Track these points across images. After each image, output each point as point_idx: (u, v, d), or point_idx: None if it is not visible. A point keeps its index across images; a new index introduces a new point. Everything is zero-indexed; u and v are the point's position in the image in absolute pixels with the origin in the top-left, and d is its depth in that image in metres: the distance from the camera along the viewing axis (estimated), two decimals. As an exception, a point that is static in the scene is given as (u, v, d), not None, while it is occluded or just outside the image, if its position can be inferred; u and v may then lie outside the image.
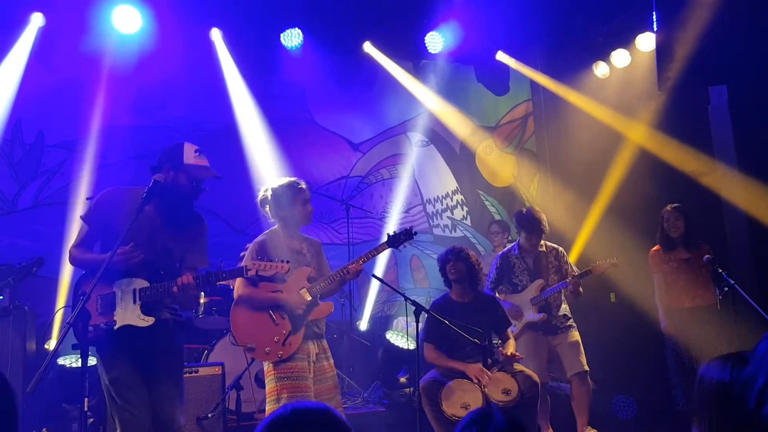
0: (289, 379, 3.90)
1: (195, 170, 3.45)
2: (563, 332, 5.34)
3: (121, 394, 3.24)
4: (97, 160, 6.76)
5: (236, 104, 7.25)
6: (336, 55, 7.51)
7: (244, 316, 4.02)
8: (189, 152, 3.47)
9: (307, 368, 3.97)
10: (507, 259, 5.54)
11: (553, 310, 5.37)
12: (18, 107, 6.57)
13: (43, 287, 6.21)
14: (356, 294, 7.32)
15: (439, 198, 8.32)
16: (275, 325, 3.97)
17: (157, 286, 3.33)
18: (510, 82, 8.52)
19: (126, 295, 3.31)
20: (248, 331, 3.99)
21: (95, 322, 3.25)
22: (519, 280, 5.46)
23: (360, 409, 5.72)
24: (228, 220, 7.14)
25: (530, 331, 5.35)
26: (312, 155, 7.69)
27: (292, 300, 4.01)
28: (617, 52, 7.48)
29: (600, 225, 7.09)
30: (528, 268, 5.47)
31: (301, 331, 4.00)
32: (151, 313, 3.34)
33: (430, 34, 7.61)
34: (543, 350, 5.33)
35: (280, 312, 4.01)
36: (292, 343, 3.95)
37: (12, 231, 6.64)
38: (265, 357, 3.95)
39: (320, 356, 4.11)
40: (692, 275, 5.32)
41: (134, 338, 3.28)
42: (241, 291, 4.04)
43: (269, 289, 4.03)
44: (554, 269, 5.45)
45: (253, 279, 3.98)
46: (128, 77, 6.80)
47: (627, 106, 7.26)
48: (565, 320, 5.40)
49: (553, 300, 5.38)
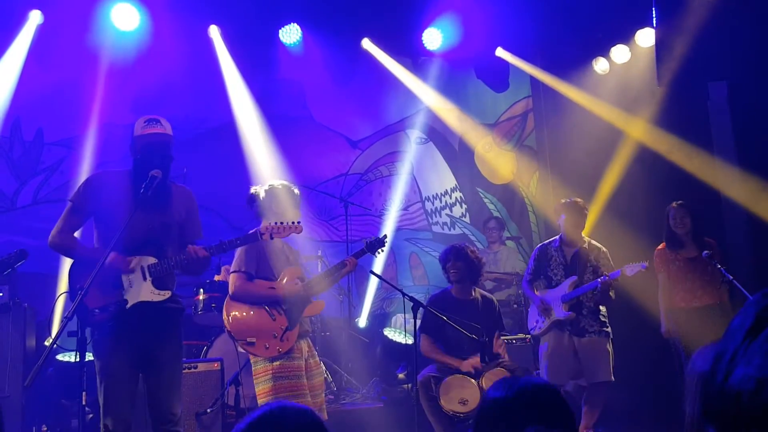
0: (287, 379, 3.90)
1: (144, 138, 3.42)
2: (591, 336, 5.08)
3: (108, 386, 3.26)
4: (96, 157, 6.76)
5: (235, 101, 7.24)
6: (334, 51, 7.50)
7: (240, 312, 4.00)
8: (138, 125, 3.46)
9: (302, 367, 3.99)
10: (545, 251, 5.36)
11: (584, 310, 5.13)
12: (17, 105, 6.58)
13: (42, 284, 6.22)
14: (355, 291, 7.32)
15: (438, 195, 8.31)
16: (273, 320, 3.97)
17: (168, 260, 3.37)
18: (510, 78, 8.49)
19: (134, 273, 3.33)
20: (246, 326, 3.96)
21: (101, 303, 3.26)
22: (554, 274, 5.25)
23: (358, 405, 5.73)
24: (226, 217, 7.14)
25: (557, 330, 5.14)
26: (311, 152, 7.68)
27: (291, 291, 4.03)
28: (617, 47, 7.48)
29: (599, 222, 7.07)
30: (565, 262, 5.25)
31: (297, 326, 4.01)
32: (164, 286, 3.38)
33: (428, 30, 7.60)
34: (566, 350, 5.09)
35: (277, 308, 4.01)
36: (289, 339, 3.96)
37: (11, 228, 6.64)
38: (265, 352, 3.93)
39: (310, 353, 4.15)
40: (698, 274, 5.26)
41: (145, 318, 3.31)
42: (238, 285, 4.01)
43: (265, 286, 4.04)
44: (592, 269, 5.21)
45: (249, 274, 4.02)
46: (127, 75, 6.80)
47: (627, 102, 7.26)
48: (598, 325, 5.13)
49: (586, 299, 5.12)
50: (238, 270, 4.02)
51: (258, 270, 4.07)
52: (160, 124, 3.44)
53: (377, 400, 5.83)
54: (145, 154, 3.39)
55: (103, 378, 3.29)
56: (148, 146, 3.40)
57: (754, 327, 0.69)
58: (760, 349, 0.67)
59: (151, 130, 3.42)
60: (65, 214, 3.49)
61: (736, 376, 0.68)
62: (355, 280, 7.40)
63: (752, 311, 0.71)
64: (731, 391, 0.68)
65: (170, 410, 3.36)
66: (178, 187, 3.66)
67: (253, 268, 4.05)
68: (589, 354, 5.06)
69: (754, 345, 0.68)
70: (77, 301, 2.96)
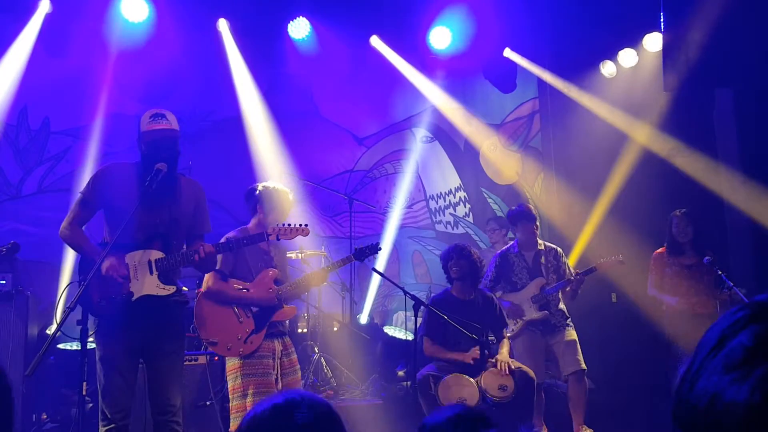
0: (255, 376, 3.94)
1: (150, 135, 3.41)
2: (560, 331, 5.32)
3: (108, 376, 3.28)
4: (101, 147, 6.79)
5: (241, 95, 7.25)
6: (343, 48, 7.50)
7: (209, 310, 4.01)
8: (144, 120, 3.45)
9: (271, 365, 4.02)
10: (506, 257, 5.52)
11: (552, 308, 5.35)
12: (24, 93, 6.60)
13: (46, 273, 6.24)
14: (357, 288, 7.34)
15: (442, 194, 8.31)
16: (239, 322, 3.99)
17: (175, 256, 3.38)
18: (517, 79, 8.48)
19: (141, 266, 3.35)
20: (212, 325, 3.98)
21: (108, 295, 3.29)
22: (518, 278, 5.44)
23: (358, 401, 5.74)
24: (231, 210, 7.14)
25: (528, 330, 5.33)
26: (316, 148, 7.68)
27: (261, 297, 4.03)
28: (624, 51, 7.47)
29: (603, 225, 7.08)
30: (527, 266, 5.44)
31: (263, 330, 4.03)
32: (170, 282, 3.40)
33: (437, 29, 7.60)
34: (540, 349, 5.32)
35: (245, 310, 4.02)
36: (253, 342, 3.97)
37: (16, 216, 6.68)
38: (226, 353, 3.99)
39: (285, 353, 4.16)
40: (693, 281, 5.38)
41: (149, 310, 3.33)
42: (211, 284, 4.00)
43: (236, 287, 4.03)
44: (553, 268, 5.43)
45: (223, 273, 4.02)
46: (134, 66, 6.82)
47: (633, 106, 7.25)
48: (563, 319, 5.39)
49: (553, 298, 5.37)
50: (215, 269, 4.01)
51: (234, 270, 4.08)
52: (166, 119, 3.42)
53: (376, 397, 5.85)
54: (151, 150, 3.39)
55: (104, 366, 3.32)
56: (154, 143, 3.39)
57: (718, 344, 0.73)
58: (717, 365, 0.71)
59: (157, 126, 3.40)
60: (75, 207, 3.49)
61: (697, 389, 0.73)
62: (358, 277, 7.42)
63: (718, 328, 0.75)
64: (692, 401, 0.73)
65: (169, 401, 3.39)
66: (188, 180, 3.67)
67: (229, 268, 4.06)
68: (562, 348, 5.26)
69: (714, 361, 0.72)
70: (78, 294, 2.99)
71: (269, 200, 4.16)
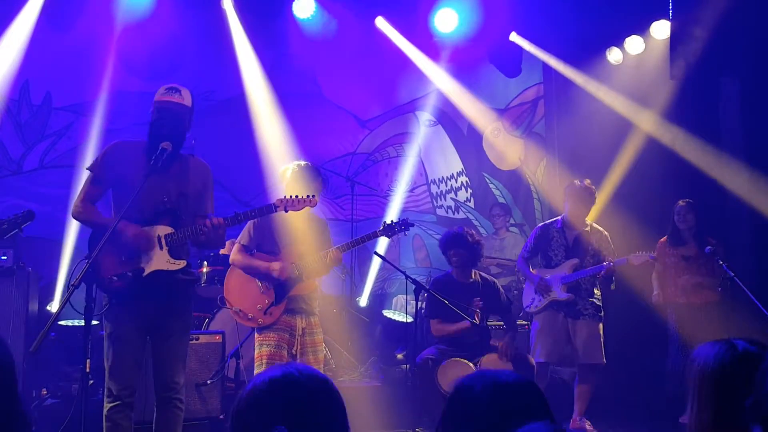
0: (267, 347, 4.11)
1: (159, 104, 3.46)
2: (586, 319, 5.10)
3: (116, 350, 3.30)
4: (104, 124, 6.74)
5: (246, 75, 7.20)
6: (348, 28, 7.44)
7: (236, 281, 4.25)
8: (160, 91, 3.51)
9: (286, 339, 4.14)
10: (547, 231, 5.33)
11: (581, 293, 5.14)
12: (26, 68, 6.54)
13: (47, 249, 6.25)
14: (357, 270, 7.35)
15: (444, 179, 8.29)
16: (261, 293, 4.17)
17: (184, 230, 3.41)
18: (522, 64, 8.43)
19: (149, 243, 3.35)
20: (237, 295, 4.22)
21: (119, 271, 3.28)
22: (554, 254, 5.25)
23: (357, 383, 5.77)
24: (233, 191, 7.13)
25: (552, 310, 5.14)
26: (319, 129, 7.64)
27: (279, 270, 4.13)
28: (631, 38, 7.41)
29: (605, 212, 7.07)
30: (566, 244, 5.23)
31: (283, 303, 4.16)
32: (180, 256, 3.42)
33: (443, 11, 7.54)
34: (559, 331, 5.11)
35: (268, 282, 4.17)
36: (273, 313, 4.14)
37: (18, 192, 6.66)
38: (247, 322, 4.19)
39: (308, 332, 4.24)
40: (691, 272, 5.45)
41: (159, 285, 3.34)
42: (234, 257, 4.24)
43: (257, 260, 4.21)
44: (593, 253, 5.19)
45: (247, 247, 4.23)
46: (138, 43, 6.77)
47: (638, 94, 7.21)
48: (593, 308, 5.14)
49: (584, 283, 5.15)
50: (240, 242, 4.27)
51: (261, 244, 4.25)
52: (179, 94, 3.46)
53: (375, 379, 5.88)
54: (156, 119, 3.44)
55: (112, 342, 3.33)
56: (160, 111, 3.44)
57: None
58: None
59: (168, 98, 3.44)
60: (86, 185, 3.50)
61: None
62: (358, 260, 7.43)
63: None
64: None
65: (173, 378, 3.41)
66: (197, 160, 3.67)
67: (254, 245, 4.26)
68: (583, 336, 5.08)
69: None
70: (84, 269, 2.97)
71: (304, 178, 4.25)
